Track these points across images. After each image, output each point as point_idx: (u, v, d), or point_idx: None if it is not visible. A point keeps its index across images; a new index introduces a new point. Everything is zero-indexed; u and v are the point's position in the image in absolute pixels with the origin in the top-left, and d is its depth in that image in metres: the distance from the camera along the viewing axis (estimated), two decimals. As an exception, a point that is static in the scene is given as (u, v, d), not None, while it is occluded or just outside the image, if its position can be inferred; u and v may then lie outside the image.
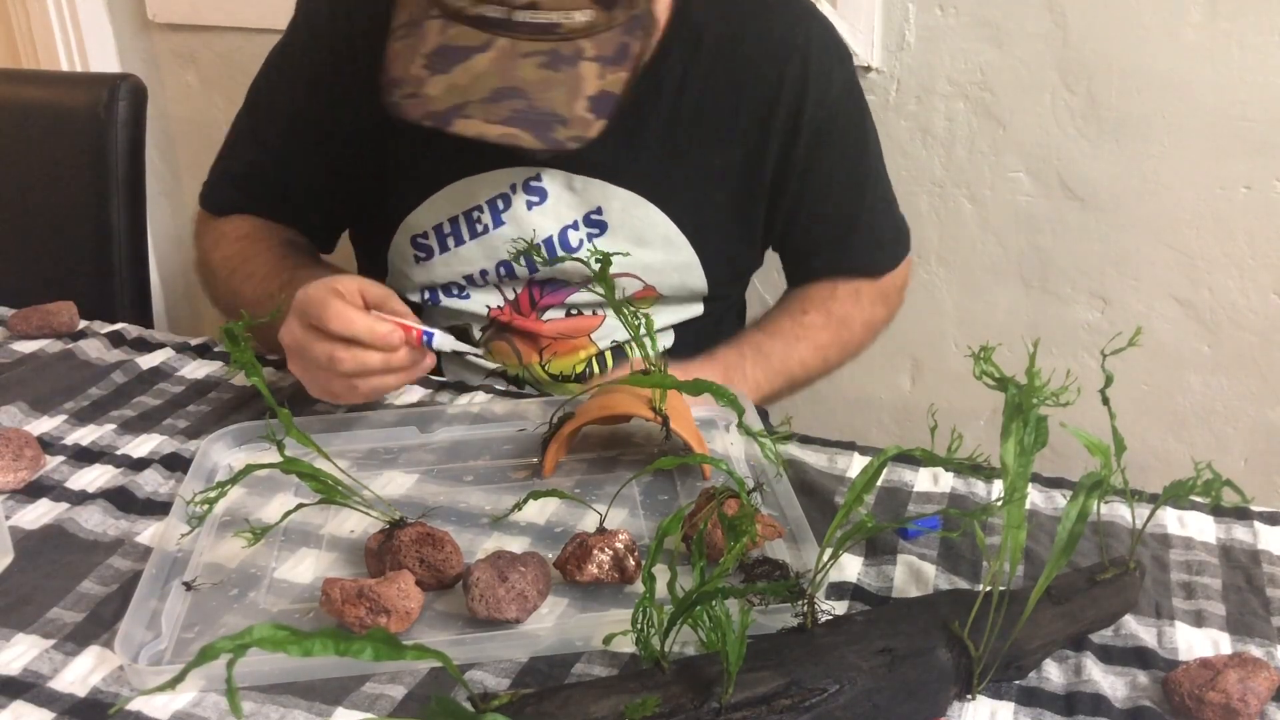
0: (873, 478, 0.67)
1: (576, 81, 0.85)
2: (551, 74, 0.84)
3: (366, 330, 0.85)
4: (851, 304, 1.16)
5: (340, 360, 0.85)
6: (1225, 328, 1.51)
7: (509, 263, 1.08)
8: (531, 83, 0.84)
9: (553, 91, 0.85)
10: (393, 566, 0.73)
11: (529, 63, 0.84)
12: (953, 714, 0.65)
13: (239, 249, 1.09)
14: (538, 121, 0.85)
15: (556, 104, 0.85)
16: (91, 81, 1.46)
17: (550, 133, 0.85)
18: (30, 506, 0.86)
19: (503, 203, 1.06)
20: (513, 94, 0.84)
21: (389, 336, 0.86)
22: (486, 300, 1.12)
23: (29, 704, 0.66)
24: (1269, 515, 0.84)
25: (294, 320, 0.87)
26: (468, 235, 1.08)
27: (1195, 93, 1.41)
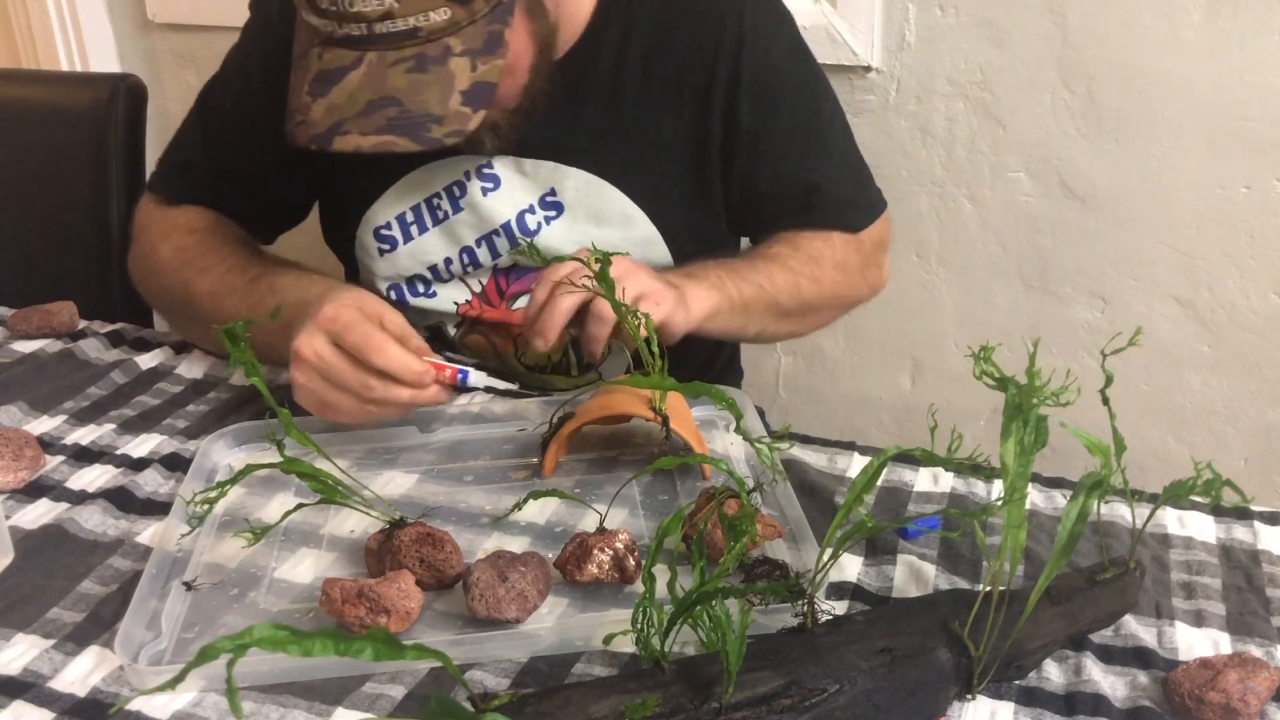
0: (873, 478, 0.67)
1: (448, 79, 0.88)
2: (420, 77, 0.87)
3: (403, 368, 0.85)
4: (821, 243, 1.10)
5: (371, 389, 0.85)
6: (1225, 328, 1.51)
7: (471, 249, 1.09)
8: (402, 89, 0.87)
9: (425, 94, 0.87)
10: (393, 566, 0.73)
11: (397, 71, 0.87)
12: (953, 714, 0.65)
13: (194, 241, 1.08)
14: (412, 125, 0.87)
15: (430, 104, 0.88)
16: (91, 81, 1.47)
17: (425, 133, 0.88)
18: (30, 506, 0.86)
19: (459, 189, 1.07)
20: (385, 103, 0.87)
21: (423, 377, 0.86)
22: (453, 296, 1.12)
23: (29, 704, 0.66)
24: (1269, 515, 0.84)
25: (320, 336, 0.86)
26: (430, 222, 1.09)
27: (1195, 93, 1.41)
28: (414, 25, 0.86)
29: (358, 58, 0.87)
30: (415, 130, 0.87)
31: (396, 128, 0.87)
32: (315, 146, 0.89)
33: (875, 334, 1.70)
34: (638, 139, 1.07)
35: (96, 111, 1.40)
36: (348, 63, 0.87)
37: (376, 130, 0.87)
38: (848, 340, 1.72)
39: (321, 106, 0.88)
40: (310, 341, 0.86)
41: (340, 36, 0.87)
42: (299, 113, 0.90)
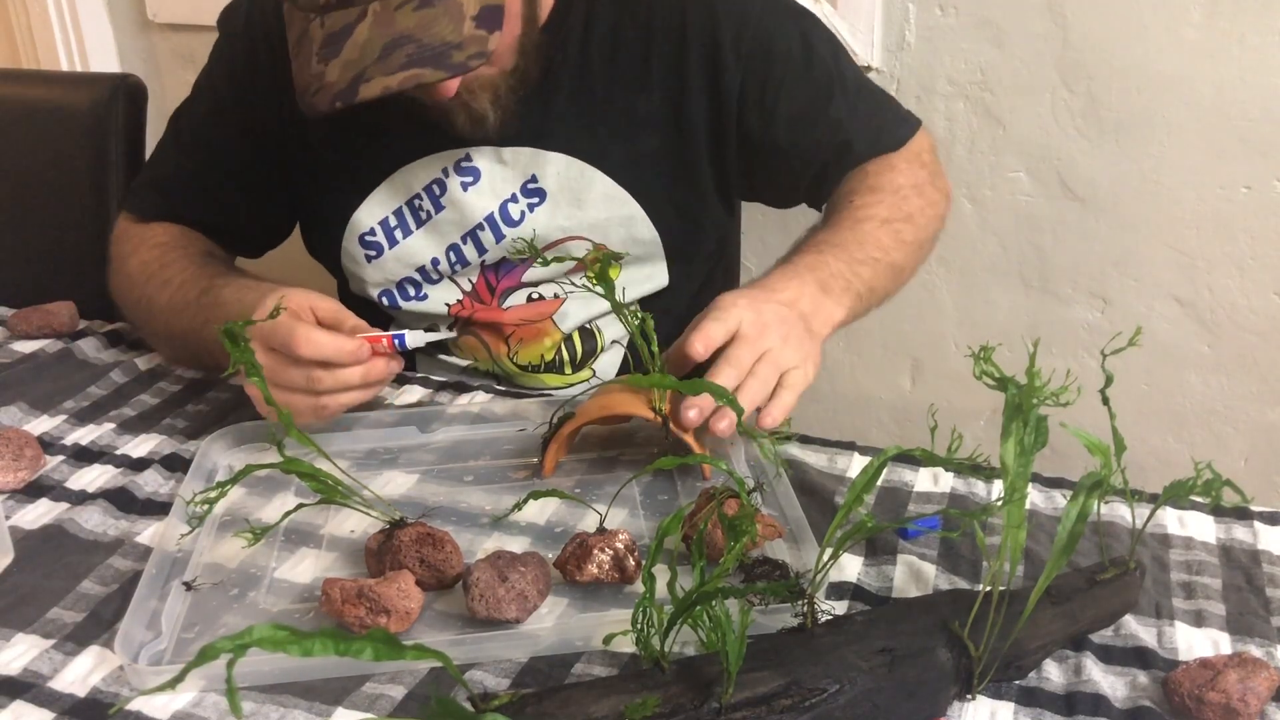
0: (873, 478, 0.67)
1: (456, 7, 0.88)
2: (428, 11, 0.87)
3: (335, 351, 0.86)
4: (889, 172, 1.08)
5: (320, 380, 0.86)
6: (1225, 328, 1.51)
7: (458, 246, 1.09)
8: (414, 27, 0.87)
9: (437, 26, 0.87)
10: (393, 566, 0.73)
11: (404, 11, 0.87)
12: (953, 714, 0.65)
13: (156, 255, 1.08)
14: (433, 56, 0.87)
15: (445, 34, 0.87)
16: (91, 81, 1.46)
17: (448, 60, 0.87)
18: (30, 506, 0.86)
19: (439, 188, 1.07)
20: (401, 42, 0.87)
21: (358, 352, 0.87)
22: (444, 297, 1.12)
23: (29, 704, 0.66)
24: (1269, 515, 0.84)
25: (258, 347, 0.85)
26: (414, 224, 1.09)
27: (1195, 93, 1.41)
28: None
29: (361, 11, 0.87)
30: (438, 59, 0.87)
31: (418, 61, 0.87)
32: (340, 104, 0.87)
33: (875, 334, 1.70)
34: (611, 117, 1.06)
35: (96, 111, 1.40)
36: (352, 19, 0.87)
37: (400, 68, 0.86)
38: (848, 340, 1.72)
39: (336, 67, 0.88)
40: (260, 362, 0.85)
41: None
42: (314, 82, 0.89)
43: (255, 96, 1.10)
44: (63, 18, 1.92)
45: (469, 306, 1.12)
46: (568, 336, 1.14)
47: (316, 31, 0.89)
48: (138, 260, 1.08)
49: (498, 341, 1.13)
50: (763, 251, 1.70)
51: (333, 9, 0.88)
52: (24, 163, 1.44)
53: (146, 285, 1.06)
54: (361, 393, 0.89)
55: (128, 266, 1.09)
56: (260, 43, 1.09)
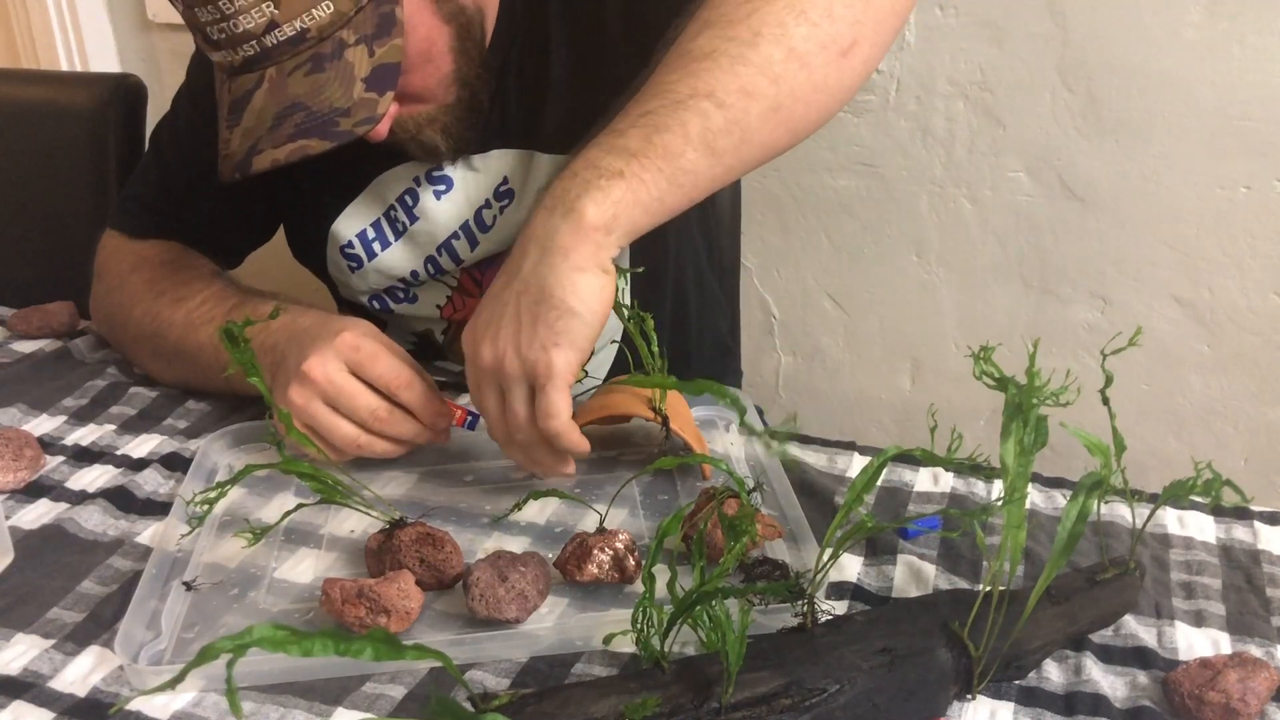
0: (873, 478, 0.67)
1: (347, 71, 0.85)
2: (319, 76, 0.85)
3: (424, 406, 0.85)
4: None
5: (381, 422, 0.84)
6: (1225, 328, 1.51)
7: (434, 258, 1.08)
8: (304, 94, 0.85)
9: (326, 91, 0.85)
10: (393, 566, 0.73)
11: (296, 77, 0.85)
12: (953, 714, 0.65)
13: (166, 273, 1.07)
14: (319, 125, 0.85)
15: (334, 99, 0.85)
16: (91, 81, 1.46)
17: (335, 128, 0.85)
18: (30, 506, 0.86)
19: (411, 198, 1.06)
20: (291, 111, 0.85)
21: (439, 419, 0.86)
22: (434, 299, 1.12)
23: (29, 704, 0.66)
24: (1269, 515, 0.84)
25: (335, 361, 0.84)
26: (391, 235, 1.08)
27: (1195, 93, 1.41)
28: (301, 28, 0.83)
29: (259, 77, 0.86)
30: (324, 129, 0.85)
31: (305, 131, 0.85)
32: (238, 174, 0.87)
33: (875, 334, 1.70)
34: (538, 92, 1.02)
35: (96, 111, 1.40)
36: (251, 84, 0.86)
37: (288, 139, 0.85)
38: (848, 340, 1.72)
39: (238, 134, 0.87)
40: (323, 364, 0.83)
41: (240, 62, 0.85)
42: (223, 147, 0.89)
43: None
44: (63, 18, 1.92)
45: (459, 305, 1.12)
46: None
47: (225, 95, 0.88)
48: (142, 278, 1.07)
49: None
50: (762, 252, 1.70)
51: (238, 73, 0.87)
52: (24, 163, 1.44)
53: (156, 301, 1.04)
54: (397, 447, 0.87)
55: (129, 284, 1.08)
56: None
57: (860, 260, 1.66)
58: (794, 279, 1.71)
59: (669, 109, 0.75)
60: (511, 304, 0.74)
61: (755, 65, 0.76)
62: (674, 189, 0.75)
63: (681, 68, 0.77)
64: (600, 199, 0.73)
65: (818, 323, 1.73)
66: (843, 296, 1.70)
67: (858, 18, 0.78)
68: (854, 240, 1.65)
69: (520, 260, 0.75)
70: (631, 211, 0.74)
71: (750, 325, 1.71)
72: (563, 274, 0.73)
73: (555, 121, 1.03)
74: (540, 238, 0.74)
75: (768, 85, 0.76)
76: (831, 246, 1.67)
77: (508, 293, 0.75)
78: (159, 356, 1.05)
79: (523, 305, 0.74)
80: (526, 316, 0.73)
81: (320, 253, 1.12)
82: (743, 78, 0.76)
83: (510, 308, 0.74)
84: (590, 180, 0.74)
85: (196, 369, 1.01)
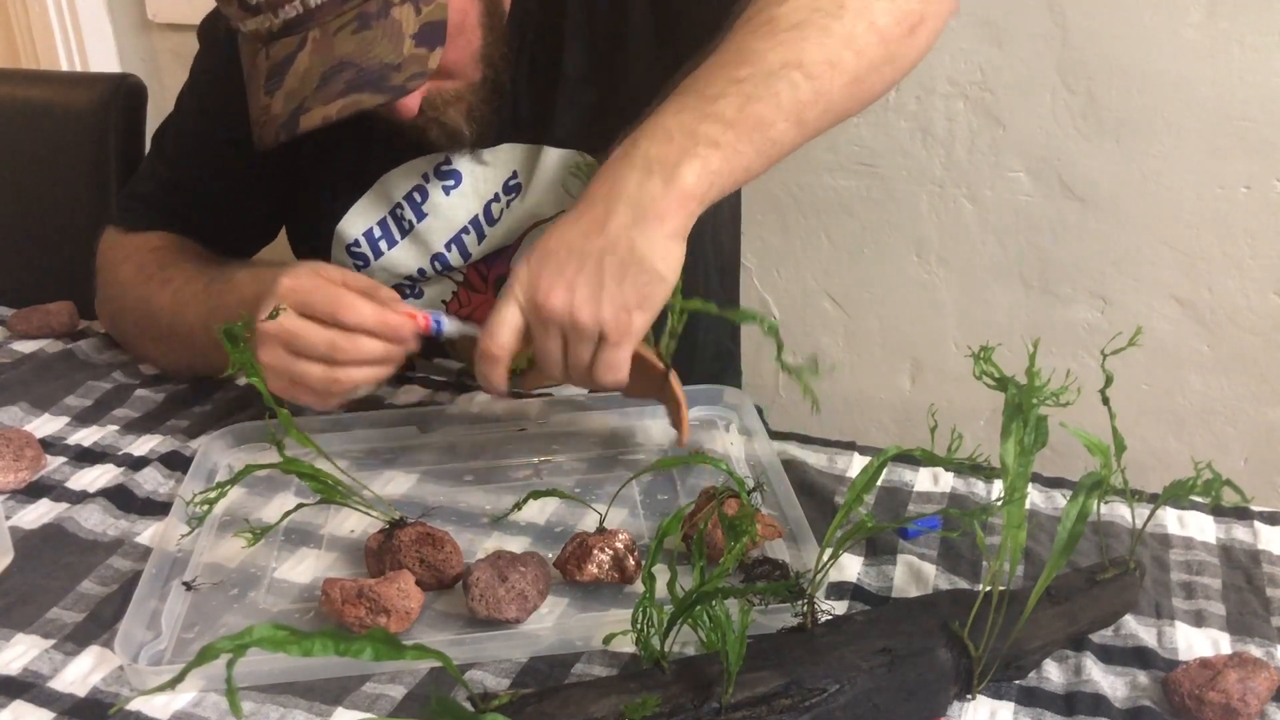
0: (873, 478, 0.67)
1: (395, 28, 0.85)
2: (366, 34, 0.84)
3: (379, 322, 0.82)
4: None
5: (342, 350, 0.82)
6: (1225, 328, 1.51)
7: (442, 254, 1.08)
8: (352, 52, 0.84)
9: (376, 48, 0.84)
10: (393, 566, 0.73)
11: (343, 36, 0.84)
12: (953, 714, 0.65)
13: (153, 258, 1.06)
14: (371, 79, 0.84)
15: (384, 55, 0.84)
16: (91, 81, 1.46)
17: (387, 83, 0.84)
18: (30, 506, 0.86)
19: (420, 195, 1.06)
20: (340, 70, 0.84)
21: (400, 329, 0.83)
22: (439, 294, 1.12)
23: (29, 704, 0.66)
24: (1269, 515, 0.84)
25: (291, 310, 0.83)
26: (398, 234, 1.08)
27: (1195, 93, 1.41)
28: None
29: (301, 39, 0.85)
30: (377, 83, 0.84)
31: (356, 86, 0.84)
32: (284, 136, 0.85)
33: (875, 334, 1.70)
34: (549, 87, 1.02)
35: (96, 111, 1.40)
36: (293, 48, 0.85)
37: (339, 95, 0.84)
38: (848, 340, 1.72)
39: (279, 98, 0.86)
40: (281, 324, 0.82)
41: (280, 26, 0.85)
42: (261, 115, 0.88)
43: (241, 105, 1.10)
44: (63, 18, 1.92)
45: (466, 301, 1.12)
46: None
47: (262, 63, 0.88)
48: (131, 265, 1.07)
49: None
50: (762, 252, 1.70)
51: (276, 38, 0.86)
52: (24, 163, 1.44)
53: (145, 286, 1.04)
54: (375, 370, 0.85)
55: (120, 274, 1.08)
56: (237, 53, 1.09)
57: (860, 260, 1.66)
58: (794, 279, 1.71)
59: (761, 78, 0.76)
60: (594, 259, 0.74)
61: (840, 38, 0.78)
62: (760, 159, 0.77)
63: (769, 35, 0.78)
64: (700, 169, 0.74)
65: (818, 323, 1.73)
66: (843, 296, 1.70)
67: None
68: (854, 240, 1.65)
69: (607, 217, 0.74)
70: (724, 182, 0.76)
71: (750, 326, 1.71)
72: (657, 241, 0.74)
73: (567, 116, 1.02)
74: (635, 200, 0.74)
75: (851, 58, 0.78)
76: (831, 246, 1.67)
77: (590, 246, 0.74)
78: (159, 341, 1.05)
79: (608, 264, 0.73)
80: (612, 275, 0.73)
81: (324, 253, 1.12)
82: (829, 50, 0.78)
83: (593, 262, 0.74)
84: (688, 148, 0.74)
85: (190, 351, 1.00)
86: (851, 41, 0.79)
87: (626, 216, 0.74)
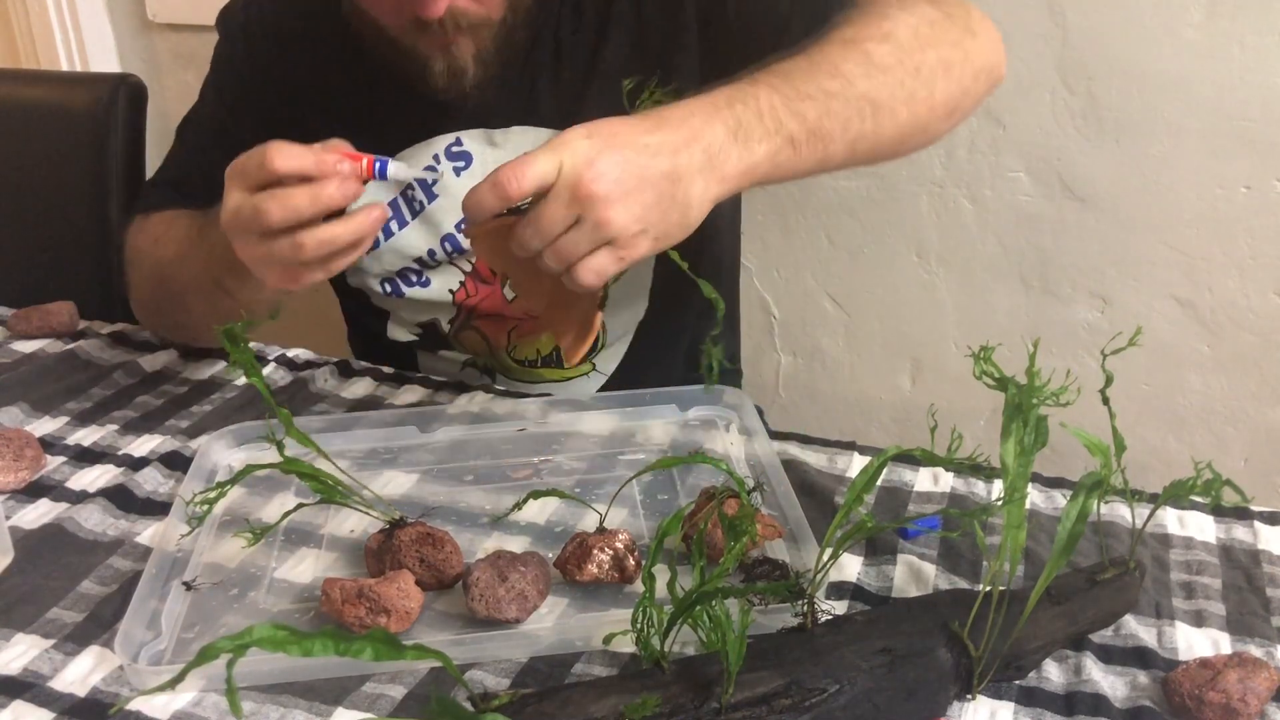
0: (873, 478, 0.67)
1: None
2: None
3: (314, 163, 0.79)
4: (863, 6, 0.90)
5: (288, 205, 0.78)
6: (1225, 328, 1.51)
7: (453, 235, 1.08)
8: None
9: None
10: (393, 566, 0.73)
11: None
12: (953, 714, 0.65)
13: (162, 229, 1.07)
14: None
15: None
16: (91, 81, 1.46)
17: None
18: (30, 506, 0.86)
19: (431, 176, 1.06)
20: None
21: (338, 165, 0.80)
22: (447, 283, 1.12)
23: (29, 704, 0.66)
24: (1269, 515, 0.84)
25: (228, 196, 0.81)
26: (408, 215, 1.08)
27: (1195, 93, 1.41)
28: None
29: None
30: None
31: None
32: None
33: (875, 334, 1.70)
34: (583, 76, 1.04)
35: (96, 111, 1.40)
36: None
37: None
38: (848, 340, 1.72)
39: None
40: (225, 206, 0.81)
41: None
42: None
43: (261, 92, 1.10)
44: (63, 18, 1.92)
45: (473, 291, 1.12)
46: None
47: None
48: (148, 238, 1.07)
49: (501, 332, 1.13)
50: (762, 252, 1.70)
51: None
52: (24, 163, 1.44)
53: (155, 251, 1.04)
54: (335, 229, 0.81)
55: (139, 250, 1.08)
56: (259, 40, 1.10)
57: (860, 260, 1.66)
58: (794, 279, 1.71)
59: (845, 99, 0.81)
60: (653, 176, 0.74)
61: (908, 94, 0.85)
62: (811, 168, 0.82)
63: (863, 64, 0.83)
64: (771, 155, 0.78)
65: (818, 323, 1.73)
66: (843, 296, 1.69)
67: (967, 89, 0.91)
68: (854, 240, 1.65)
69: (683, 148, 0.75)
70: (779, 175, 0.80)
71: (750, 325, 1.71)
72: (708, 194, 0.76)
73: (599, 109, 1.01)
74: (712, 151, 0.76)
75: (907, 116, 0.86)
76: (831, 246, 1.67)
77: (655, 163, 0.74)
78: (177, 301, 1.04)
79: (662, 188, 0.74)
80: (659, 199, 0.74)
81: None
82: (898, 101, 0.85)
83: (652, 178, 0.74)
84: (771, 132, 0.78)
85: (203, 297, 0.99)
86: (913, 102, 0.85)
87: (699, 159, 0.75)
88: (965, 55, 0.90)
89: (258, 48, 1.10)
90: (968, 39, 0.92)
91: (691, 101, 0.78)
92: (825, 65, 0.82)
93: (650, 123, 0.76)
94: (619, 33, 1.02)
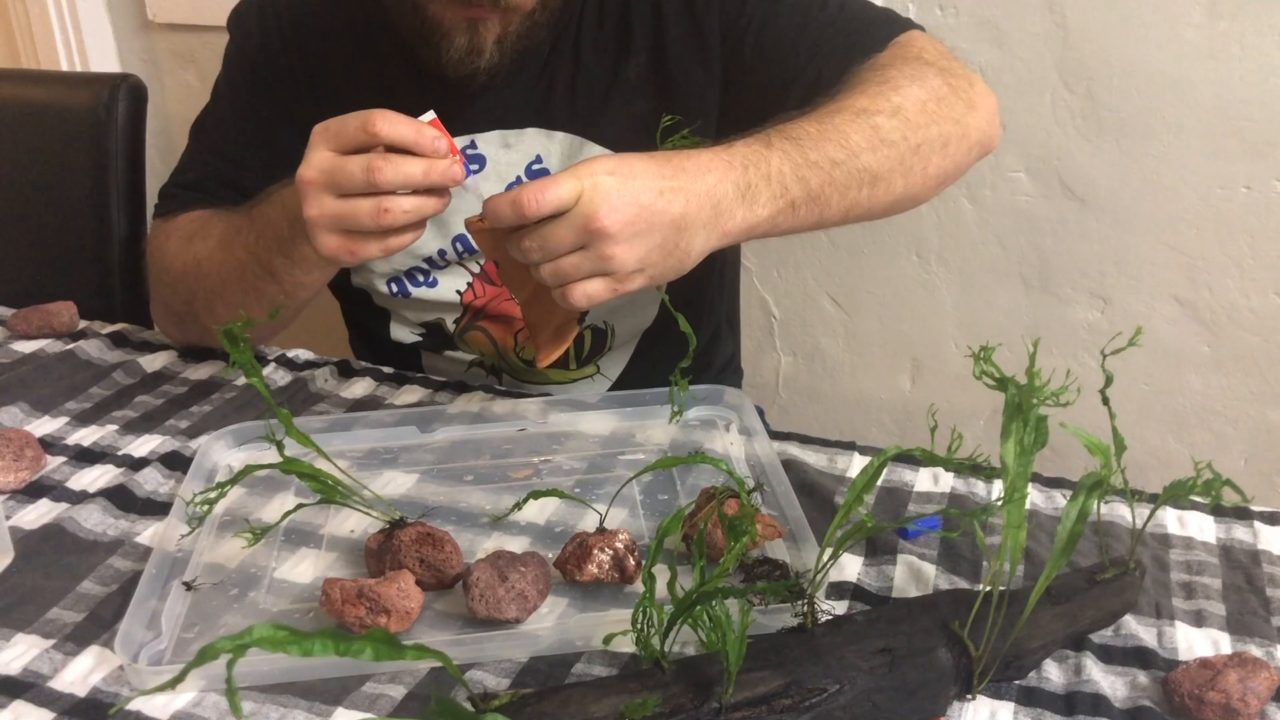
0: (873, 478, 0.67)
1: None
2: None
3: (416, 135, 0.80)
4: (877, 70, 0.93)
5: (380, 170, 0.79)
6: (1225, 328, 1.51)
7: (464, 235, 1.08)
8: None
9: None
10: (393, 566, 0.73)
11: None
12: (953, 714, 0.65)
13: (196, 225, 1.07)
14: None
15: None
16: (91, 81, 1.46)
17: None
18: (30, 506, 0.86)
19: None
20: None
21: (436, 143, 0.81)
22: (454, 284, 1.12)
23: (29, 704, 0.66)
24: (1269, 515, 0.84)
25: (313, 154, 0.81)
26: None
27: (1195, 93, 1.41)
28: None
29: None
30: None
31: None
32: None
33: (875, 334, 1.70)
34: (603, 86, 1.05)
35: (96, 111, 1.40)
36: None
37: None
38: (848, 340, 1.72)
39: None
40: (308, 164, 0.81)
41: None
42: None
43: (276, 89, 1.10)
44: (63, 18, 1.91)
45: (481, 292, 1.12)
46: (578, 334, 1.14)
47: None
48: (176, 239, 1.07)
49: (507, 334, 1.13)
50: (762, 252, 1.70)
51: None
52: (24, 163, 1.44)
53: (189, 248, 1.04)
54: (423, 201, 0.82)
55: (166, 252, 1.08)
56: (275, 36, 1.10)
57: (860, 260, 1.66)
58: (794, 279, 1.71)
59: (847, 171, 0.84)
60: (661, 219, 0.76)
61: (905, 169, 0.89)
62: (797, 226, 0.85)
63: (870, 137, 0.86)
64: (772, 218, 0.82)
65: (818, 323, 1.73)
66: (843, 296, 1.69)
67: (958, 163, 0.94)
68: (854, 240, 1.65)
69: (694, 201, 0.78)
70: (769, 232, 0.84)
71: (750, 325, 1.71)
72: (708, 245, 0.79)
73: (620, 118, 1.05)
74: (720, 208, 0.79)
75: (901, 189, 0.90)
76: (831, 246, 1.67)
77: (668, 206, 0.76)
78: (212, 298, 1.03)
79: (668, 232, 0.77)
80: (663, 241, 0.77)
81: None
82: (895, 174, 0.88)
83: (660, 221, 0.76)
84: (777, 197, 0.81)
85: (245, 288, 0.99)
86: (909, 175, 0.89)
87: (707, 214, 0.78)
88: (963, 132, 0.93)
89: (273, 43, 1.10)
90: (968, 115, 0.95)
91: (710, 154, 0.80)
92: (835, 135, 0.85)
93: (670, 169, 0.78)
94: (640, 50, 1.04)
